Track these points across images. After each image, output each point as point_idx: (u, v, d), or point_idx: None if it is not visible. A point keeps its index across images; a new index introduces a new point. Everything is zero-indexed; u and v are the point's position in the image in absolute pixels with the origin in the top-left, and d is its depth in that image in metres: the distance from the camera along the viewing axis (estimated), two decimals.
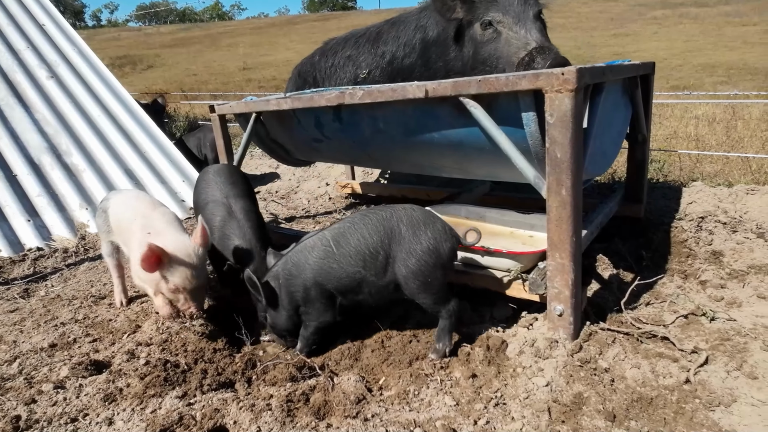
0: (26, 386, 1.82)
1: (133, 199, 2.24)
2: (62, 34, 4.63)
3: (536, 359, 1.74)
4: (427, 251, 1.71)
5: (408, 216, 1.76)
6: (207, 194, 2.37)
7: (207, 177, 2.46)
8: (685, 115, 7.61)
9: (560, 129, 1.61)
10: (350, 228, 1.79)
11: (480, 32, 1.91)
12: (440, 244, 1.73)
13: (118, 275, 2.38)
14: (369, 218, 1.78)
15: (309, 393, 1.64)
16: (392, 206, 1.82)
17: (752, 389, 1.57)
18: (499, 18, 1.87)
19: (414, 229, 1.73)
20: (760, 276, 2.21)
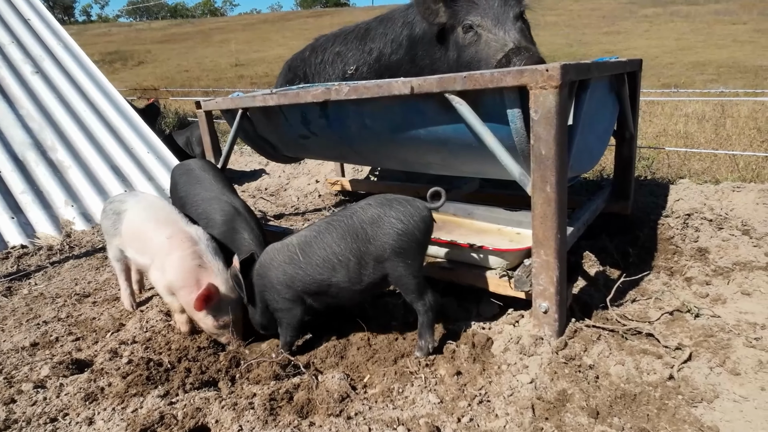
0: (6, 386, 1.79)
1: (160, 209, 2.11)
2: (48, 29, 4.57)
3: (521, 356, 1.74)
4: (398, 236, 1.68)
5: (367, 214, 1.73)
6: (199, 189, 2.32)
7: (193, 172, 2.42)
8: (675, 112, 7.65)
9: (545, 126, 1.60)
10: (315, 237, 1.78)
11: (462, 36, 1.91)
12: (408, 224, 1.69)
13: (125, 278, 2.31)
14: (333, 226, 1.76)
15: (293, 391, 1.63)
16: (351, 207, 1.80)
17: (734, 385, 1.58)
18: (478, 21, 1.86)
19: (377, 224, 1.71)
20: (744, 273, 2.22)
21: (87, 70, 4.48)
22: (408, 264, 1.71)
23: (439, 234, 2.44)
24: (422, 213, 1.72)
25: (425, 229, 1.72)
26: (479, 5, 1.88)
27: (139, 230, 2.08)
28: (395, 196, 1.77)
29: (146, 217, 2.08)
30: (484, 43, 1.83)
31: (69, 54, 4.51)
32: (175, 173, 2.52)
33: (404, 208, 1.70)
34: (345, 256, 1.71)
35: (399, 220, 1.68)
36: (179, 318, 2.05)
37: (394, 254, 1.69)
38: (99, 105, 4.24)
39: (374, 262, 1.71)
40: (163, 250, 1.95)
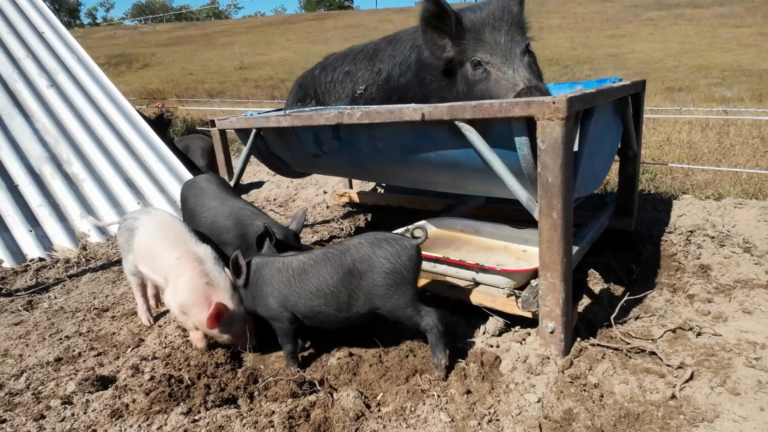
0: (34, 401, 1.87)
1: (169, 227, 2.16)
2: (61, 42, 4.66)
3: (528, 375, 1.81)
4: (386, 275, 1.81)
5: (358, 253, 1.86)
6: (206, 200, 2.43)
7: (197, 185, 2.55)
8: (679, 120, 7.69)
9: (551, 155, 1.67)
10: (312, 266, 1.91)
11: (471, 72, 1.97)
12: (396, 263, 1.81)
13: (141, 294, 2.37)
14: (329, 259, 1.89)
15: (309, 409, 1.70)
16: (346, 244, 1.91)
17: (734, 405, 1.64)
18: (487, 59, 1.92)
19: (367, 263, 1.83)
20: (745, 290, 2.28)
21: (99, 82, 4.57)
22: (397, 298, 1.83)
23: (448, 251, 2.52)
24: (409, 252, 1.83)
25: (412, 266, 1.83)
26: (487, 42, 1.94)
27: (150, 249, 2.15)
28: (384, 236, 1.88)
29: (156, 236, 2.15)
30: (494, 81, 1.89)
31: (82, 66, 4.60)
32: (184, 189, 2.62)
33: (392, 248, 1.82)
34: (337, 288, 1.86)
35: (387, 259, 1.81)
36: (194, 335, 2.12)
37: (384, 290, 1.82)
38: (112, 117, 4.33)
39: (364, 296, 1.85)
40: (173, 272, 2.03)
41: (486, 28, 1.96)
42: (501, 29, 1.95)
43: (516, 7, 2.05)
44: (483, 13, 2.00)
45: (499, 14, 1.99)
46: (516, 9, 2.04)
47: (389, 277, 1.81)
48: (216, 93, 20.48)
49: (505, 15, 1.99)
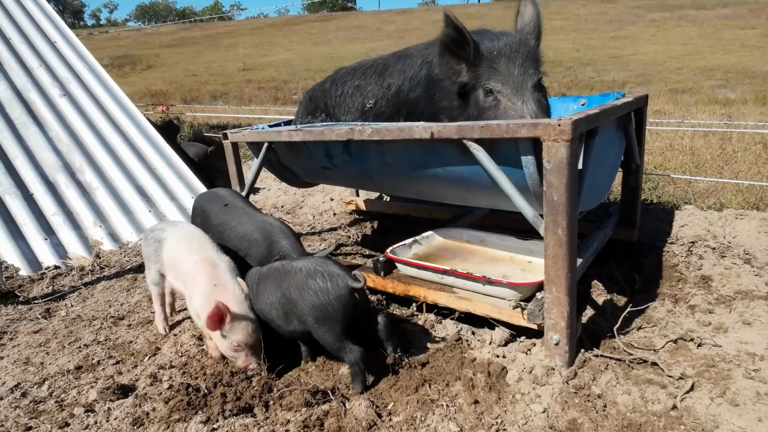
0: (58, 409, 1.95)
1: (195, 238, 2.27)
2: (73, 51, 4.75)
3: (534, 386, 1.87)
4: (312, 308, 1.89)
5: (295, 278, 1.95)
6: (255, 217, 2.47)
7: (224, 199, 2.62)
8: (682, 124, 7.73)
9: (556, 175, 1.74)
10: (266, 278, 2.04)
11: (483, 98, 2.04)
12: (323, 300, 1.87)
13: (160, 303, 2.44)
14: (274, 276, 2.03)
15: (323, 418, 1.77)
16: (292, 265, 2.01)
17: (733, 416, 1.70)
18: (498, 88, 1.99)
19: (299, 291, 1.92)
20: (745, 302, 2.34)
21: (110, 90, 4.65)
22: (324, 331, 1.91)
23: (455, 261, 2.59)
24: (338, 291, 1.87)
25: (339, 306, 1.87)
26: (500, 72, 2.01)
27: (175, 258, 2.25)
28: (325, 269, 1.92)
29: (182, 246, 2.26)
30: (502, 110, 1.96)
31: (93, 75, 4.68)
32: (203, 200, 2.69)
33: (323, 285, 1.88)
34: (276, 307, 1.99)
35: (316, 294, 1.88)
36: (209, 344, 2.19)
37: (311, 320, 1.91)
38: (122, 125, 4.41)
39: (297, 319, 1.96)
40: (189, 276, 2.12)
41: (501, 59, 2.03)
42: (516, 61, 2.02)
43: (533, 41, 2.13)
44: (500, 43, 2.07)
45: (515, 46, 2.06)
46: (532, 43, 2.12)
47: (315, 311, 1.88)
48: (219, 94, 20.59)
49: (522, 48, 2.07)
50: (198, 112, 11.91)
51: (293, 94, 19.23)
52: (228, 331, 1.98)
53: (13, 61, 4.38)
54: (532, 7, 2.19)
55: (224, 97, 20.09)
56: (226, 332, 1.98)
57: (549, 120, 1.72)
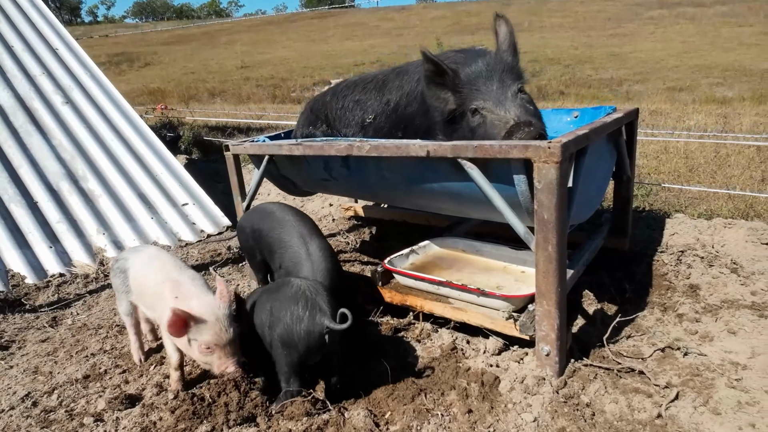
0: (68, 418, 2.02)
1: (156, 260, 2.21)
2: (75, 58, 4.80)
3: (525, 395, 1.95)
4: (284, 329, 1.91)
5: (281, 296, 1.98)
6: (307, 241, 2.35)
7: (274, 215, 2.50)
8: (677, 125, 7.79)
9: (547, 194, 1.81)
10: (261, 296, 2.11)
11: (471, 119, 2.12)
12: (295, 327, 1.88)
13: (134, 332, 2.38)
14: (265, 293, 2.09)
15: (323, 427, 1.85)
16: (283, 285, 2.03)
17: (715, 424, 1.78)
18: (482, 105, 2.07)
19: (277, 315, 1.95)
20: (731, 311, 2.42)
21: (112, 98, 4.71)
22: (281, 353, 1.94)
23: (450, 271, 2.66)
24: (310, 327, 1.86)
25: (305, 339, 1.87)
26: (480, 90, 2.09)
27: (141, 285, 2.19)
28: (312, 298, 1.92)
29: (144, 272, 2.19)
30: (489, 124, 2.03)
31: (95, 82, 4.74)
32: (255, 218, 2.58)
33: (301, 312, 1.88)
34: (263, 322, 2.02)
35: (291, 316, 1.89)
36: (172, 375, 2.15)
37: (276, 336, 1.94)
38: (124, 132, 4.48)
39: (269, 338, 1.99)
40: (156, 300, 2.06)
41: (480, 79, 2.11)
42: (493, 78, 2.11)
43: (509, 57, 2.20)
44: (477, 66, 2.16)
45: (492, 65, 2.15)
46: (509, 59, 2.19)
47: (282, 331, 1.90)
48: (218, 92, 20.62)
49: (497, 65, 2.15)
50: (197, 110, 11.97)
51: (291, 92, 19.28)
52: (194, 334, 1.89)
53: (15, 69, 4.43)
54: (506, 25, 2.27)
55: (222, 95, 20.13)
56: (192, 335, 1.89)
57: (539, 142, 1.79)
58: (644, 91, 14.82)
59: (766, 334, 2.22)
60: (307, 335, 1.87)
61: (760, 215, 3.30)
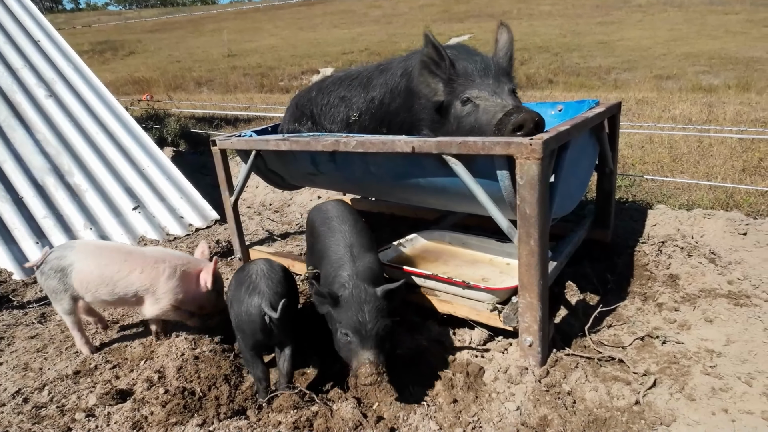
0: (59, 414, 2.04)
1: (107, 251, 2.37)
2: (57, 50, 4.73)
3: (509, 385, 2.01)
4: (234, 315, 2.04)
5: (231, 289, 2.13)
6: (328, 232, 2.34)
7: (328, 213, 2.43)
8: (663, 115, 7.88)
9: (529, 190, 1.85)
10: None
11: (460, 108, 2.13)
12: (238, 310, 1.99)
13: (78, 329, 2.42)
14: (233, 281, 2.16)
15: (312, 419, 1.89)
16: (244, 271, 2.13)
17: (690, 410, 1.85)
18: (476, 94, 2.08)
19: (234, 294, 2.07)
20: (708, 300, 2.50)
21: (96, 90, 4.66)
22: (239, 338, 2.08)
23: (437, 263, 2.71)
24: (251, 310, 1.96)
25: (249, 322, 1.96)
26: (476, 82, 2.11)
27: (103, 275, 2.26)
28: (255, 282, 2.02)
29: (102, 262, 2.29)
30: (482, 110, 2.04)
31: (78, 74, 4.68)
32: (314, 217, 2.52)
33: (244, 296, 1.99)
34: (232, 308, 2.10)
35: (239, 302, 2.00)
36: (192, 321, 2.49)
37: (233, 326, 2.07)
38: (110, 126, 4.43)
39: None
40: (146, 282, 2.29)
41: (476, 74, 2.13)
42: (489, 75, 2.13)
43: (506, 62, 2.23)
44: (475, 61, 2.18)
45: (489, 63, 2.17)
46: (505, 63, 2.22)
47: (233, 317, 2.04)
48: (204, 81, 20.35)
49: (494, 65, 2.17)
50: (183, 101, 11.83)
51: (279, 81, 19.08)
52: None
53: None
54: (507, 33, 2.30)
55: (209, 84, 19.87)
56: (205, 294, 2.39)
57: (521, 139, 1.82)
58: (632, 80, 14.91)
59: (741, 322, 2.30)
60: (248, 317, 1.97)
61: (739, 205, 3.38)
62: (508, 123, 1.92)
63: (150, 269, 2.31)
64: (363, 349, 1.79)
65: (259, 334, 1.99)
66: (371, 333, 1.80)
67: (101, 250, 2.37)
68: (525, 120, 1.90)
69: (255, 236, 3.91)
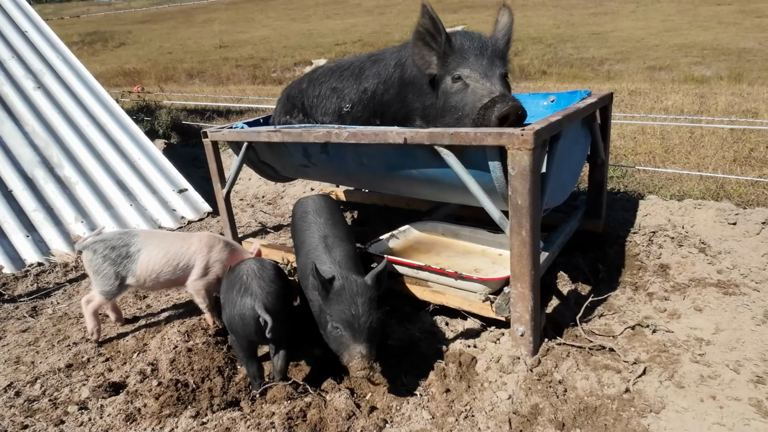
0: (52, 407, 2.04)
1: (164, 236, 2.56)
2: (45, 41, 4.66)
3: (501, 374, 2.03)
4: (226, 316, 2.02)
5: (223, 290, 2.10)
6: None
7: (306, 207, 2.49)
8: (655, 106, 7.90)
9: (521, 181, 1.85)
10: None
11: (450, 84, 2.12)
12: (231, 312, 1.98)
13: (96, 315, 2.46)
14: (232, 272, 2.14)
15: (306, 410, 1.90)
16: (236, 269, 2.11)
17: (678, 397, 1.88)
18: (467, 73, 2.08)
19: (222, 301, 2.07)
20: (698, 289, 2.52)
21: (85, 82, 4.60)
22: (233, 339, 2.06)
23: (430, 255, 2.71)
24: (242, 311, 1.93)
25: (240, 323, 1.95)
26: (469, 60, 2.11)
27: (168, 255, 2.41)
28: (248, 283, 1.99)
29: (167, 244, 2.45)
30: (471, 91, 2.05)
31: (67, 65, 4.62)
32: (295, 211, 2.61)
33: (235, 297, 1.96)
34: None
35: (231, 303, 1.97)
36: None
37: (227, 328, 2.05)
38: (99, 118, 4.39)
39: None
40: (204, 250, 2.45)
41: (471, 52, 2.13)
42: (484, 55, 2.13)
43: (503, 45, 2.22)
44: (472, 39, 2.17)
45: (486, 44, 2.17)
46: (502, 46, 2.22)
47: (226, 323, 2.03)
48: (196, 73, 20.16)
49: (490, 46, 2.17)
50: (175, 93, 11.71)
51: (272, 72, 18.94)
52: None
53: None
54: (508, 16, 2.29)
55: (201, 76, 19.68)
56: None
57: (513, 130, 1.83)
58: (624, 71, 14.94)
59: (730, 311, 2.33)
60: (241, 319, 1.95)
61: (729, 196, 3.41)
62: (493, 110, 1.95)
63: (206, 242, 2.47)
64: (355, 343, 1.79)
65: (252, 336, 1.97)
66: (364, 326, 1.80)
67: (162, 235, 2.57)
68: (510, 112, 1.93)
69: (248, 228, 3.90)
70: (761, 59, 14.71)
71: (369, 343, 1.80)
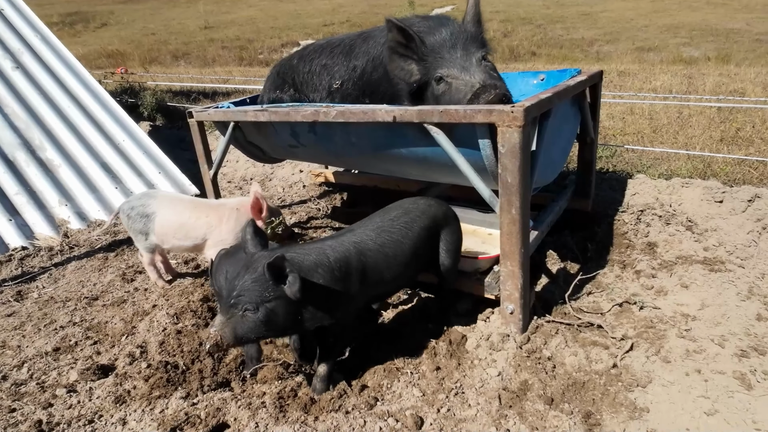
0: (40, 390, 2.02)
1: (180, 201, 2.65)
2: (23, 20, 4.51)
3: (491, 351, 2.04)
4: None
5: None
6: None
7: None
8: (644, 86, 7.90)
9: (510, 158, 1.84)
10: None
11: (436, 87, 2.11)
12: None
13: (154, 267, 2.72)
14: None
15: (297, 389, 1.90)
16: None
17: (665, 372, 1.91)
18: (446, 72, 2.06)
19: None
20: (685, 266, 2.55)
21: (66, 61, 4.47)
22: None
23: None
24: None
25: None
26: (445, 57, 2.08)
27: (178, 222, 2.53)
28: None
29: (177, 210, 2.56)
30: (454, 89, 2.03)
31: (46, 45, 4.48)
32: None
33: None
34: None
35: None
36: None
37: None
38: (81, 99, 4.28)
39: None
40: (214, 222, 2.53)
41: (444, 48, 2.10)
42: (457, 46, 2.10)
43: (473, 26, 2.19)
44: (441, 34, 2.14)
45: (456, 34, 2.13)
46: (472, 29, 2.18)
47: None
48: (181, 54, 19.76)
49: (461, 34, 2.13)
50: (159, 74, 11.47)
51: (259, 53, 18.63)
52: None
53: None
54: None
55: (186, 58, 19.30)
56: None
57: (503, 107, 1.81)
58: (614, 52, 14.91)
59: (715, 287, 2.36)
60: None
61: (716, 174, 3.43)
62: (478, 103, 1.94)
63: (214, 213, 2.55)
64: None
65: None
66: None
67: (176, 200, 2.65)
68: (493, 102, 1.91)
69: None
70: (748, 40, 14.77)
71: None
